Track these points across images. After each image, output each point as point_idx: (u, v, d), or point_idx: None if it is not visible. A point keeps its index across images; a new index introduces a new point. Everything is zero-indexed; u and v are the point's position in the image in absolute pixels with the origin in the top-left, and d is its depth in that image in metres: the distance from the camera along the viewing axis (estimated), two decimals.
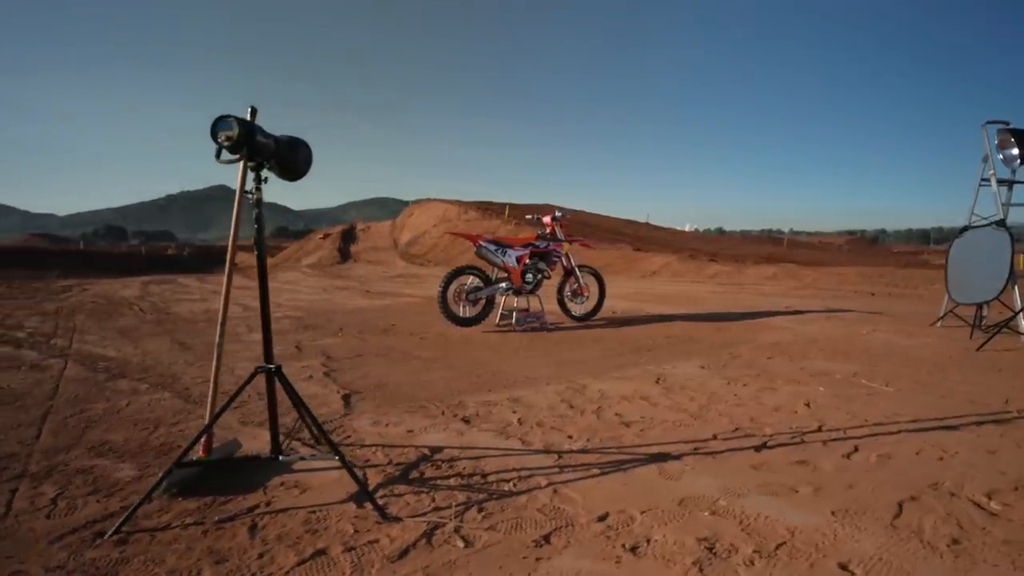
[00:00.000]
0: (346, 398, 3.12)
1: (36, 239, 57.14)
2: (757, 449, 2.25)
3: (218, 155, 1.72)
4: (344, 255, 24.11)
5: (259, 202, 1.87)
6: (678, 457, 2.18)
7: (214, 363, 2.11)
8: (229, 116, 1.69)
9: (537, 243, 5.92)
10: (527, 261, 5.80)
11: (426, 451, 2.30)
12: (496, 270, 5.74)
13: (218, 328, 2.09)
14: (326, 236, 32.81)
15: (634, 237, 20.43)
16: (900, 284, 9.43)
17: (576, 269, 6.16)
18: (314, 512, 1.77)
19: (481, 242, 5.62)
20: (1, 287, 14.12)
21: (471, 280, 5.63)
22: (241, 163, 1.87)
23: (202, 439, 2.04)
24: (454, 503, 1.82)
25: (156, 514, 1.78)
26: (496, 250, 5.62)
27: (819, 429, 2.49)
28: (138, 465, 2.18)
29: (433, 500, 1.85)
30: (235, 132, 1.68)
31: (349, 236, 29.10)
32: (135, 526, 1.70)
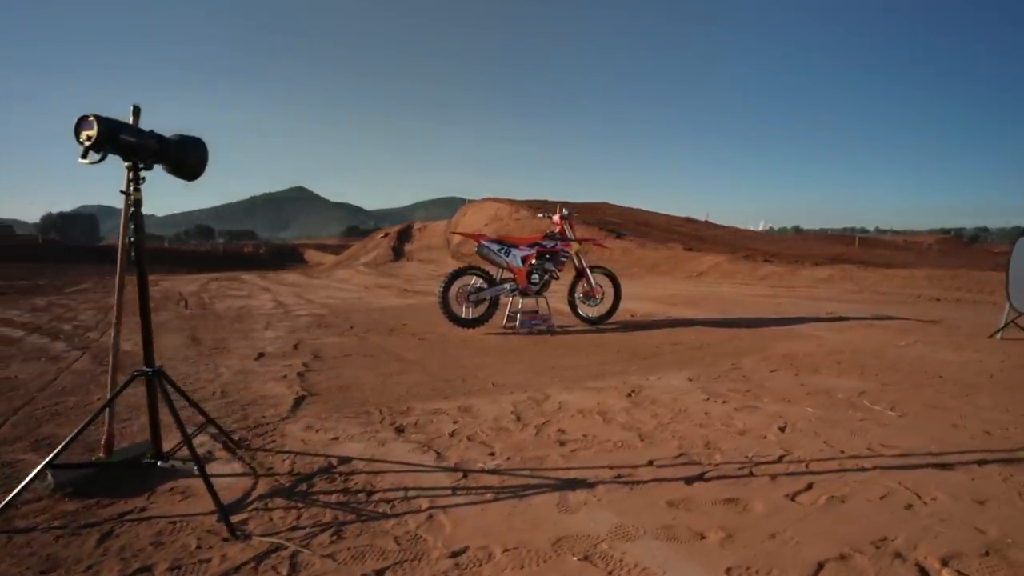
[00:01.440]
0: (298, 400, 3.09)
1: None
2: (689, 481, 1.97)
3: (84, 155, 1.70)
4: (398, 254, 24.77)
5: (137, 203, 1.84)
6: (592, 485, 1.95)
7: (111, 362, 2.12)
8: (90, 116, 1.67)
9: (544, 243, 5.70)
10: (533, 261, 5.60)
11: (334, 461, 2.21)
12: (501, 271, 5.59)
13: (113, 329, 2.08)
14: (386, 235, 33.96)
15: (691, 236, 19.53)
16: (973, 289, 8.30)
17: (588, 270, 5.87)
18: (175, 523, 1.72)
19: (483, 241, 5.49)
20: (90, 282, 15.72)
21: (474, 281, 5.51)
22: (126, 164, 1.85)
23: (103, 440, 2.06)
24: (312, 524, 1.70)
25: (33, 514, 1.79)
26: (499, 250, 5.47)
27: (779, 460, 2.15)
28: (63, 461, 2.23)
29: (299, 518, 1.74)
30: (95, 132, 1.65)
31: (405, 235, 29.91)
32: (6, 525, 1.72)
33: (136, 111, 1.84)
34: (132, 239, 1.87)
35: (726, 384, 3.33)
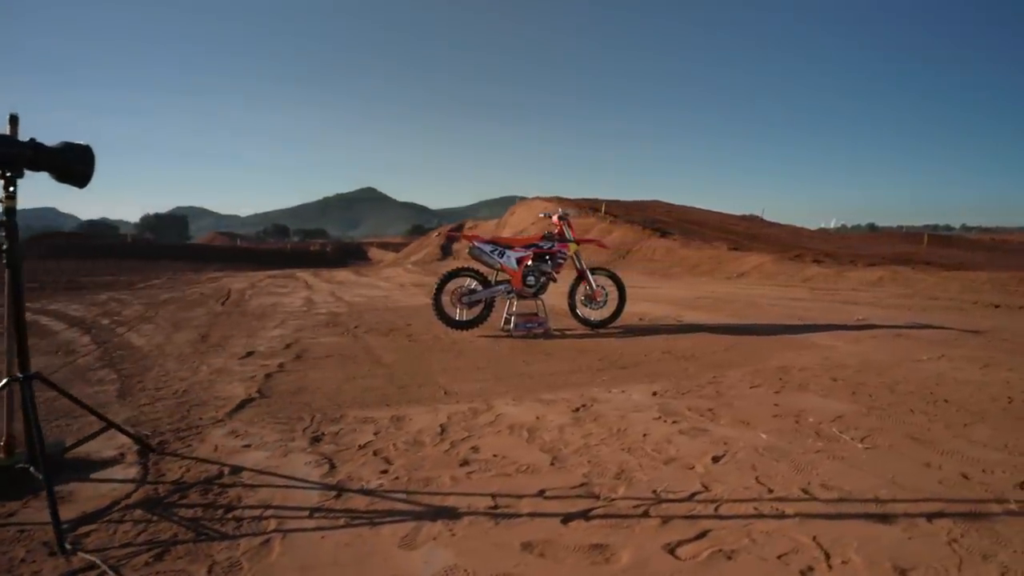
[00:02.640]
0: (244, 403, 3.10)
1: (220, 237, 68.01)
2: (568, 519, 1.75)
3: None
4: (446, 252, 25.16)
5: (9, 211, 1.87)
6: (458, 516, 1.78)
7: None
8: None
9: (541, 244, 5.50)
10: (529, 263, 5.42)
11: (226, 471, 2.17)
12: (496, 272, 5.45)
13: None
14: (439, 234, 34.71)
15: (743, 235, 18.48)
16: None
17: (588, 272, 5.61)
18: (24, 531, 1.73)
19: (475, 243, 5.37)
20: (163, 279, 17.02)
21: (469, 282, 5.39)
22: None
23: (2, 442, 2.12)
24: (147, 541, 1.65)
25: None
26: (492, 251, 5.33)
27: (689, 497, 1.89)
28: None
29: (140, 533, 1.70)
30: None
31: (455, 235, 30.32)
32: None
33: (13, 120, 1.87)
34: (4, 246, 1.90)
35: (691, 400, 3.03)
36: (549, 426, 2.65)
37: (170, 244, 38.94)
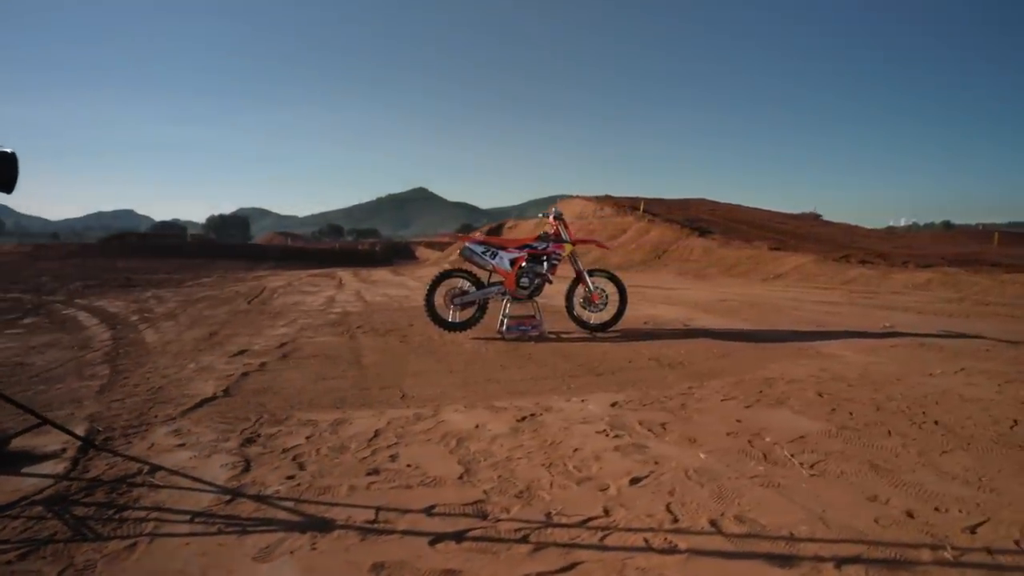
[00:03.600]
0: (204, 402, 3.16)
1: (277, 237, 71.38)
2: (438, 539, 1.65)
3: None
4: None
5: None
6: (331, 530, 1.72)
7: None
8: None
9: (535, 244, 5.37)
10: (523, 264, 5.30)
11: (145, 469, 2.21)
12: (490, 273, 5.36)
13: None
14: (480, 233, 34.94)
15: (790, 234, 17.52)
16: None
17: (586, 274, 5.43)
18: None
19: (467, 243, 5.30)
20: (214, 277, 17.99)
21: (462, 283, 5.33)
22: None
23: None
24: (24, 540, 1.68)
25: None
26: (484, 252, 5.24)
27: (582, 523, 1.74)
28: None
29: (24, 531, 1.74)
30: None
31: (495, 233, 30.44)
32: None
33: None
34: None
35: (649, 413, 2.84)
36: (483, 436, 2.55)
37: (225, 244, 41.12)
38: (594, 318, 5.47)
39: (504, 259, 5.26)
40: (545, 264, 5.35)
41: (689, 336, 5.09)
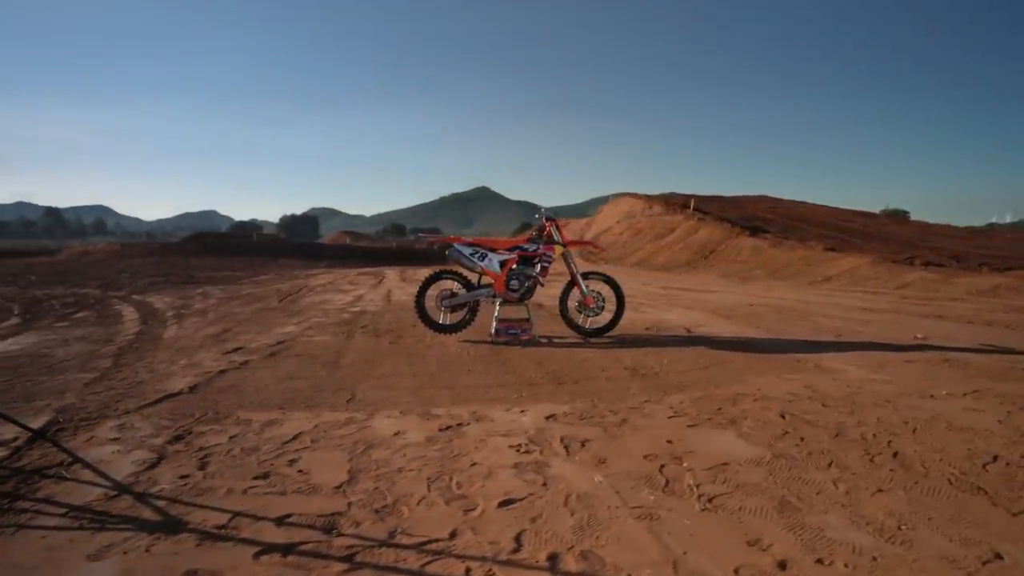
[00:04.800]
0: (166, 397, 3.32)
1: (342, 235, 74.68)
2: (264, 552, 1.63)
3: None
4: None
5: None
6: (178, 532, 1.74)
7: None
8: None
9: (526, 246, 5.24)
10: (514, 266, 5.19)
11: (67, 461, 2.33)
12: (480, 275, 5.29)
13: None
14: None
15: (854, 233, 16.22)
16: None
17: (579, 276, 5.24)
18: None
19: (455, 245, 5.25)
20: (271, 274, 19.06)
21: (451, 285, 5.30)
22: None
23: None
24: None
25: None
26: (472, 254, 5.18)
27: (417, 545, 1.65)
28: None
29: None
30: None
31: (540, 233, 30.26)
32: None
33: None
34: None
35: (582, 428, 2.68)
36: (395, 444, 2.51)
37: (287, 242, 43.40)
38: (589, 322, 5.28)
39: (493, 261, 5.17)
40: (537, 266, 5.23)
41: (686, 344, 4.79)
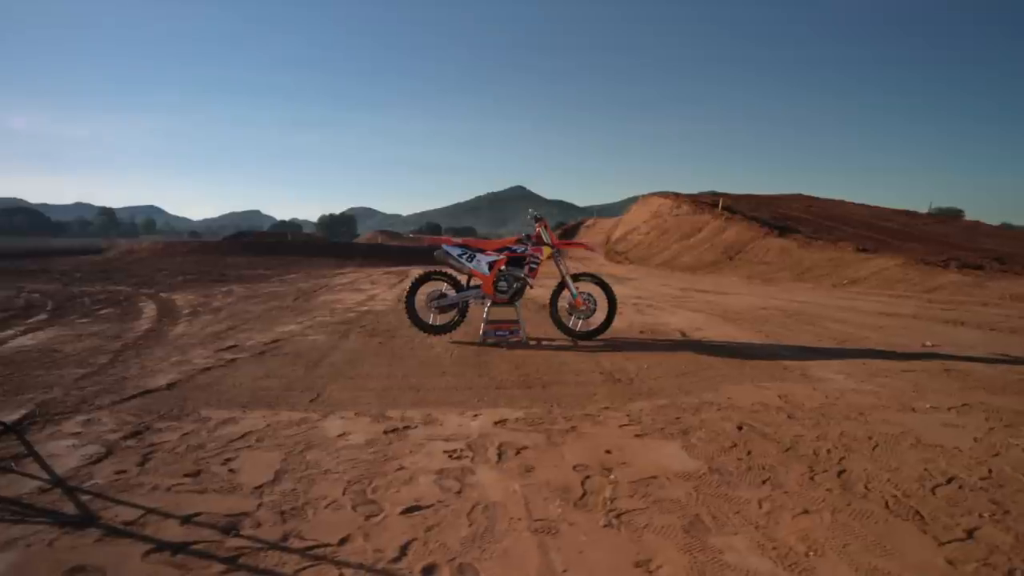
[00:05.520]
0: (144, 393, 3.45)
1: (378, 235, 76.15)
2: (155, 551, 1.66)
3: None
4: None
5: None
6: (85, 527, 1.79)
7: None
8: None
9: (515, 247, 5.19)
10: (502, 268, 5.15)
11: (24, 453, 2.45)
12: (470, 277, 5.27)
13: None
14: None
15: (893, 233, 15.43)
16: None
17: (569, 279, 5.15)
18: None
19: (444, 246, 5.24)
20: (300, 273, 19.60)
21: (441, 286, 5.31)
22: None
23: None
24: None
25: None
26: (461, 255, 5.16)
27: (303, 549, 1.64)
28: None
29: None
30: None
31: (571, 232, 30.08)
32: None
33: None
34: None
35: (524, 436, 2.63)
36: (334, 446, 2.52)
37: (321, 242, 44.43)
38: (581, 325, 5.19)
39: (482, 262, 5.15)
40: (525, 268, 5.17)
41: (674, 348, 4.65)
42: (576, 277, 5.26)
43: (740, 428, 2.65)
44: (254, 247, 33.73)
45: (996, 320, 5.76)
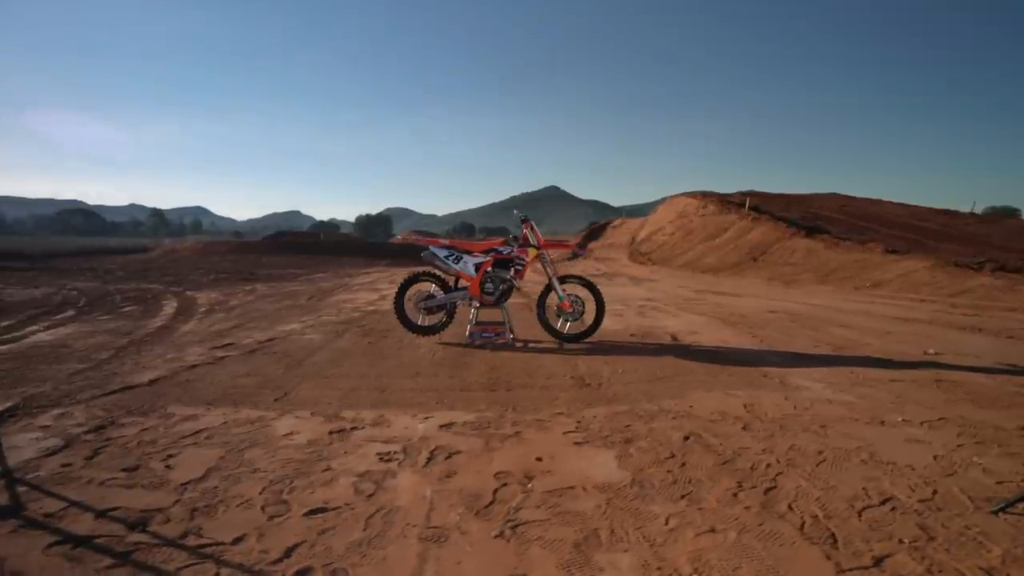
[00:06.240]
0: (127, 388, 3.60)
1: (412, 235, 77.34)
2: (58, 544, 1.72)
3: None
4: (576, 252, 24.77)
5: None
6: (7, 518, 1.88)
7: None
8: None
9: (500, 248, 5.16)
10: (489, 269, 5.13)
11: None
12: (456, 278, 5.28)
13: None
14: (588, 231, 34.43)
15: (930, 234, 14.65)
16: None
17: (556, 281, 5.09)
18: None
19: (431, 247, 5.26)
20: (330, 271, 20.09)
21: (429, 287, 5.33)
22: None
23: None
24: None
25: None
26: (447, 256, 5.17)
27: (198, 546, 1.67)
28: None
29: None
30: None
31: (597, 232, 29.76)
32: None
33: None
34: None
35: (465, 439, 2.62)
36: (277, 444, 2.57)
37: (354, 242, 45.34)
38: (570, 327, 5.13)
39: (468, 264, 5.15)
40: (511, 269, 5.14)
41: (660, 352, 4.53)
42: (563, 279, 5.20)
43: (687, 438, 2.56)
44: (290, 247, 34.82)
45: (1018, 327, 5.37)
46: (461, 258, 5.18)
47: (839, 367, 3.92)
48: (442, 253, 5.21)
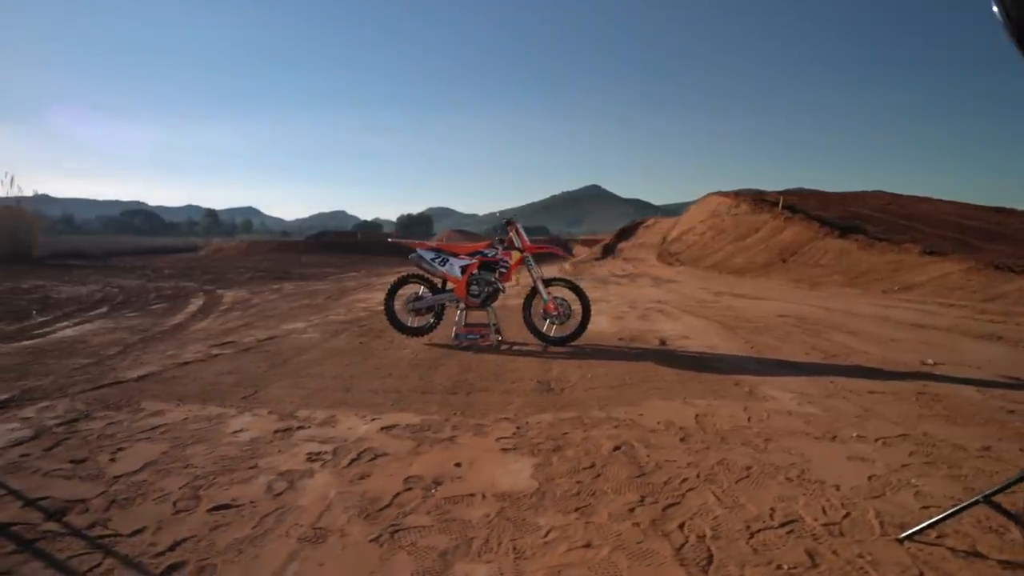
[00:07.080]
0: (116, 383, 3.84)
1: (453, 234, 78.17)
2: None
3: None
4: (607, 252, 24.50)
5: None
6: None
7: None
8: None
9: (486, 251, 5.18)
10: (474, 272, 5.16)
11: None
12: (443, 280, 5.33)
13: None
14: (622, 231, 33.93)
15: (978, 233, 13.70)
16: None
17: (540, 283, 5.07)
18: None
19: (418, 250, 5.33)
20: (363, 270, 20.61)
21: (417, 289, 5.41)
22: None
23: None
24: None
25: None
26: (434, 259, 5.24)
27: (111, 535, 1.78)
28: None
29: None
30: None
31: (628, 232, 29.30)
32: None
33: None
34: None
35: (400, 442, 2.66)
36: (223, 441, 2.69)
37: (387, 241, 46.26)
38: (555, 330, 5.10)
39: (455, 266, 5.20)
40: (497, 272, 5.15)
41: (641, 358, 4.44)
42: (549, 282, 5.17)
43: (616, 448, 2.51)
44: (331, 246, 35.93)
45: None
46: (447, 260, 5.24)
47: (820, 376, 3.74)
48: (429, 255, 5.28)
